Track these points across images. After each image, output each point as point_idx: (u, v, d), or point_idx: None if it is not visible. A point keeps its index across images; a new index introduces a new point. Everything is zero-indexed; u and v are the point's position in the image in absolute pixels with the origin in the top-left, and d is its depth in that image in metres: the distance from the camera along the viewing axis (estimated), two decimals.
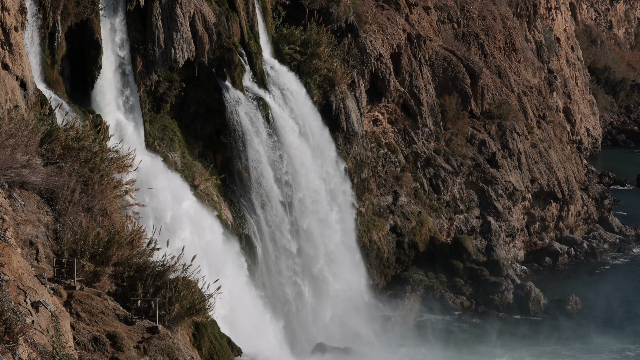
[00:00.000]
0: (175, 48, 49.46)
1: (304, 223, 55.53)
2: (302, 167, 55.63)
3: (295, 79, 58.65)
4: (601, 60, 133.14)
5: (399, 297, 62.34)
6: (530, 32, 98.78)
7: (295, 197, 55.05)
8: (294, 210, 55.09)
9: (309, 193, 56.04)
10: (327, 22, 62.07)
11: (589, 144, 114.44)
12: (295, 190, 55.06)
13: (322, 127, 59.70)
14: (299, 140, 56.00)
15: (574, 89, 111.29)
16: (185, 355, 28.19)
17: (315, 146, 58.06)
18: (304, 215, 55.63)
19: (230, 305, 45.23)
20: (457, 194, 70.67)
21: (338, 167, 60.33)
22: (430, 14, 78.45)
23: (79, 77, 46.05)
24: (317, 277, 56.86)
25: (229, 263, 49.06)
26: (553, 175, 77.30)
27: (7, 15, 36.88)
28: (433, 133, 70.72)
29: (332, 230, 57.81)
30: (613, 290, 67.95)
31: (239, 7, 54.25)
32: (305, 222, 55.62)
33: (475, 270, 66.19)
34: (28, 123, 32.64)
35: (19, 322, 20.05)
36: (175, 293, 30.95)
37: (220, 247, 48.74)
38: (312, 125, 58.55)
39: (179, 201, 47.28)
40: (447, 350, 56.70)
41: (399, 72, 69.57)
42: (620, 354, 57.21)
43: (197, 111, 52.88)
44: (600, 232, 79.98)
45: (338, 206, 59.30)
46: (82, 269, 29.40)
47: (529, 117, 79.56)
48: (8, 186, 29.73)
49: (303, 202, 55.55)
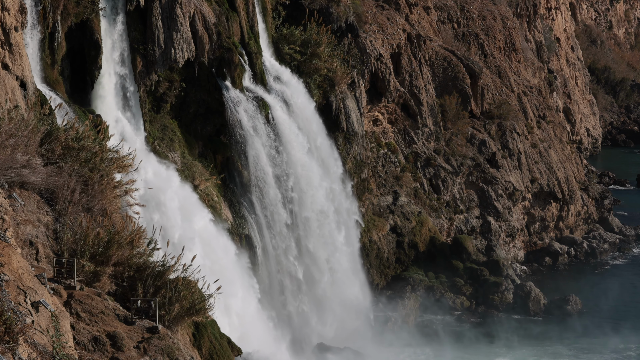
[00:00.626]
0: (175, 48, 49.46)
1: (303, 218, 55.55)
2: (299, 163, 55.65)
3: (295, 79, 58.65)
4: (601, 60, 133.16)
5: (399, 297, 62.33)
6: (530, 32, 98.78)
7: (295, 196, 55.05)
8: (294, 208, 55.08)
9: (310, 192, 56.04)
10: (327, 22, 62.07)
11: (589, 144, 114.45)
12: (295, 187, 55.08)
13: (322, 127, 59.72)
14: (298, 139, 56.00)
15: (574, 89, 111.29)
16: (185, 355, 28.18)
17: (314, 146, 58.05)
18: (304, 212, 55.64)
19: (229, 304, 45.23)
20: (457, 194, 70.67)
21: (336, 164, 60.38)
22: (430, 14, 78.46)
23: (79, 77, 46.04)
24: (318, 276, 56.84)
25: (238, 281, 49.03)
26: (553, 175, 77.31)
27: (7, 15, 36.87)
28: (433, 133, 70.72)
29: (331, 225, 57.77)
30: (613, 290, 67.96)
31: (239, 7, 54.25)
32: (304, 217, 55.64)
33: (475, 270, 66.19)
34: (28, 123, 32.63)
35: (19, 322, 20.05)
36: (175, 293, 30.93)
37: (231, 268, 48.73)
38: (313, 125, 58.55)
39: (190, 221, 46.99)
40: (447, 351, 56.70)
41: (399, 72, 69.57)
42: (621, 354, 57.21)
43: (197, 111, 52.88)
44: (600, 232, 79.98)
45: (337, 204, 59.29)
46: (82, 269, 29.39)
47: (529, 117, 79.57)
48: (8, 186, 29.73)
49: (302, 198, 55.55)
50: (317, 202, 56.88)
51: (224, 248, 49.84)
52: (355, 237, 61.51)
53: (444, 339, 58.23)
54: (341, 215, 59.78)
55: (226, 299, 40.62)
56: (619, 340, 58.90)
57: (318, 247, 56.83)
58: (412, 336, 58.67)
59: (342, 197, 60.34)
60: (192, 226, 47.46)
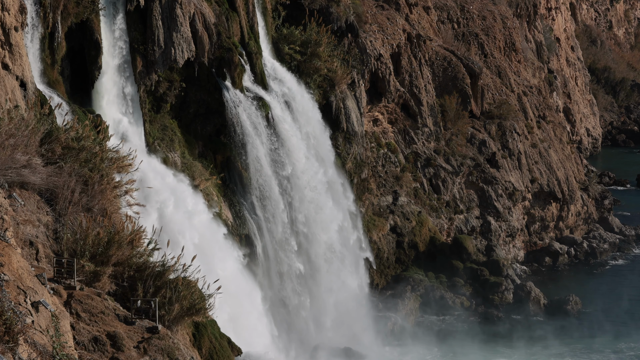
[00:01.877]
0: (175, 48, 49.46)
1: (303, 219, 55.53)
2: (300, 163, 55.65)
3: (296, 79, 58.64)
4: (601, 60, 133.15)
5: (399, 297, 62.32)
6: (530, 32, 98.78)
7: (294, 194, 55.04)
8: (294, 208, 55.08)
9: (307, 185, 55.99)
10: (327, 22, 62.07)
11: (589, 144, 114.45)
12: (295, 187, 55.07)
13: (322, 127, 59.71)
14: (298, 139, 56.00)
15: (574, 89, 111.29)
16: (185, 355, 28.19)
17: (313, 146, 58.04)
18: (303, 212, 55.62)
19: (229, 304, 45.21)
20: (457, 194, 70.67)
21: (335, 163, 60.36)
22: (430, 14, 78.45)
23: (79, 77, 46.04)
24: (318, 276, 56.84)
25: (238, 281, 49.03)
26: (553, 175, 77.30)
27: (7, 15, 36.87)
28: (433, 133, 70.72)
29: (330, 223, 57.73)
30: (613, 290, 67.98)
31: (239, 7, 54.24)
32: (304, 218, 55.62)
33: (475, 270, 66.21)
34: (28, 123, 32.65)
35: (19, 322, 20.05)
36: (175, 293, 30.94)
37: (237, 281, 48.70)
38: (313, 125, 58.54)
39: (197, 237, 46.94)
40: (447, 351, 56.71)
41: (399, 72, 69.57)
42: (621, 354, 57.22)
43: (197, 111, 52.88)
44: (600, 232, 79.97)
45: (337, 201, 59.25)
46: (82, 269, 29.40)
47: (529, 117, 79.57)
48: (8, 186, 29.74)
49: (303, 200, 55.56)
50: (317, 201, 56.85)
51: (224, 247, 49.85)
52: (355, 235, 61.48)
53: (444, 339, 58.23)
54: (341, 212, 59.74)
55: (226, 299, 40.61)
56: (619, 340, 58.92)
57: (318, 247, 56.81)
58: (412, 336, 58.66)
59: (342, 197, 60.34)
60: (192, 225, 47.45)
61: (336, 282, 58.20)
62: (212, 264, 45.31)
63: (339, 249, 58.51)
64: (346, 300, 58.60)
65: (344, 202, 60.48)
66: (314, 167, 56.97)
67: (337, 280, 58.36)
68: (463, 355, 56.40)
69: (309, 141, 57.32)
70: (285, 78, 57.70)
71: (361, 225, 62.91)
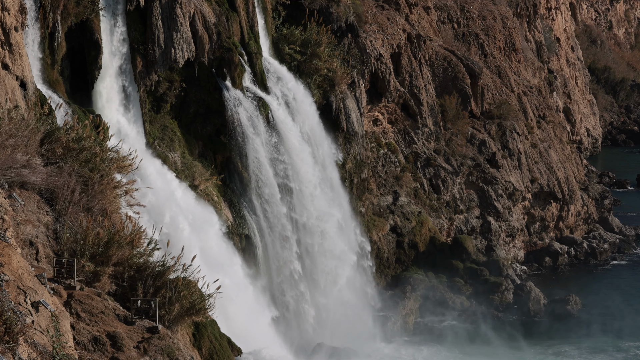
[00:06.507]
0: (175, 48, 49.46)
1: (303, 219, 55.55)
2: (300, 163, 55.66)
3: (296, 79, 58.63)
4: (601, 60, 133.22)
5: (399, 297, 62.31)
6: (530, 32, 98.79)
7: (294, 194, 55.04)
8: (294, 208, 55.08)
9: (307, 185, 56.02)
10: (327, 22, 62.07)
11: (589, 144, 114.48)
12: (295, 187, 55.08)
13: (322, 128, 59.72)
14: (298, 139, 56.02)
15: (574, 89, 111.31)
16: (185, 355, 28.19)
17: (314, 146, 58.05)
18: (303, 212, 55.64)
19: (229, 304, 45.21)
20: (457, 194, 70.67)
21: (333, 159, 60.37)
22: (430, 14, 78.45)
23: (79, 77, 46.03)
24: (318, 276, 56.84)
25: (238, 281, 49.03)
26: (553, 175, 77.30)
27: (7, 15, 36.87)
28: (433, 133, 70.72)
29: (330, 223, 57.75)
30: (613, 290, 67.96)
31: (239, 7, 54.25)
32: (304, 218, 55.64)
33: (475, 270, 66.20)
34: (28, 123, 32.66)
35: (19, 322, 20.05)
36: (175, 293, 30.96)
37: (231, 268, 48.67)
38: (313, 125, 58.56)
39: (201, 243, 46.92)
40: (447, 351, 56.69)
41: (399, 72, 69.57)
42: (621, 354, 57.22)
43: (197, 111, 52.88)
44: (600, 232, 79.97)
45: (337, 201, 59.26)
46: (82, 269, 29.41)
47: (529, 117, 79.57)
48: (8, 186, 29.74)
49: (302, 198, 55.56)
50: (317, 202, 56.85)
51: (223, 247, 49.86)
52: (355, 235, 61.48)
53: (444, 339, 58.22)
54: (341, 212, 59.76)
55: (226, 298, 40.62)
56: (619, 340, 58.91)
57: (318, 247, 56.82)
58: (412, 336, 58.66)
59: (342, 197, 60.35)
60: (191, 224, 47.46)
61: (336, 282, 58.20)
62: (212, 264, 45.31)
63: (339, 248, 58.51)
64: (346, 300, 58.60)
65: (344, 202, 60.49)
66: (314, 167, 56.98)
67: (337, 280, 58.36)
68: (463, 355, 56.38)
69: (309, 141, 57.34)
70: (285, 78, 57.71)
71: (361, 225, 62.92)
